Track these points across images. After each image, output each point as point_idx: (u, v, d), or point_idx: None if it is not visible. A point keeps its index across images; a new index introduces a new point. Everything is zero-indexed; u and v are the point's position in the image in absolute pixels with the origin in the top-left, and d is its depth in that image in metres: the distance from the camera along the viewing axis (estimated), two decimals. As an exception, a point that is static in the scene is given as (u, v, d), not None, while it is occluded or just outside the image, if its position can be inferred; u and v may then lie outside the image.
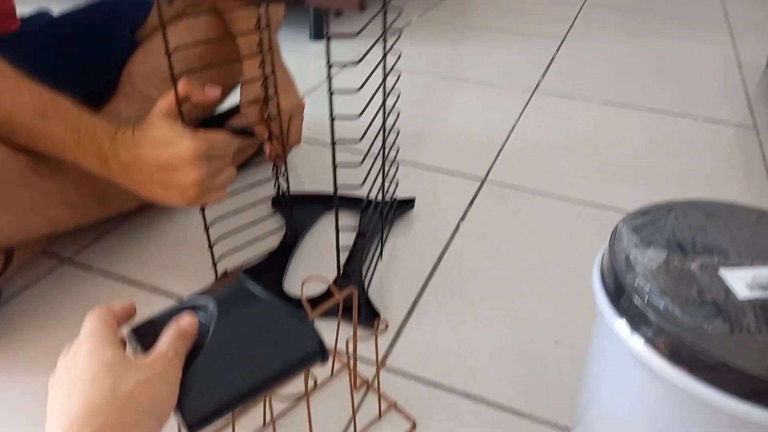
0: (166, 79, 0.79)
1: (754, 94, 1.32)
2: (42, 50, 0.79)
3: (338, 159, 0.59)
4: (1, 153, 0.62)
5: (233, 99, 0.92)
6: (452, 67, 1.41)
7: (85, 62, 0.82)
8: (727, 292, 0.39)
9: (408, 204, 0.87)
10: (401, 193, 0.88)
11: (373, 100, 0.61)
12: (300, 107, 0.83)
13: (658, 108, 1.23)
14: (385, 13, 0.60)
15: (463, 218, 0.87)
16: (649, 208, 0.46)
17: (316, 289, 0.71)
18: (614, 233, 0.44)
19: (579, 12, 1.87)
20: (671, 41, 1.64)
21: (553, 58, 1.48)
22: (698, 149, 1.08)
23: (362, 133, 0.61)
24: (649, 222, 0.45)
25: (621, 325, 0.39)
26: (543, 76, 1.38)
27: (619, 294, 0.40)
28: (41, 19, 0.83)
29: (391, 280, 0.75)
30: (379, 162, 0.69)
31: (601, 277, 0.42)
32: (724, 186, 0.97)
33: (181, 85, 0.58)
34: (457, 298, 0.73)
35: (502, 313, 0.71)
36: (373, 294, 0.73)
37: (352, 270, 0.74)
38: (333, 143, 0.59)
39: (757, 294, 0.38)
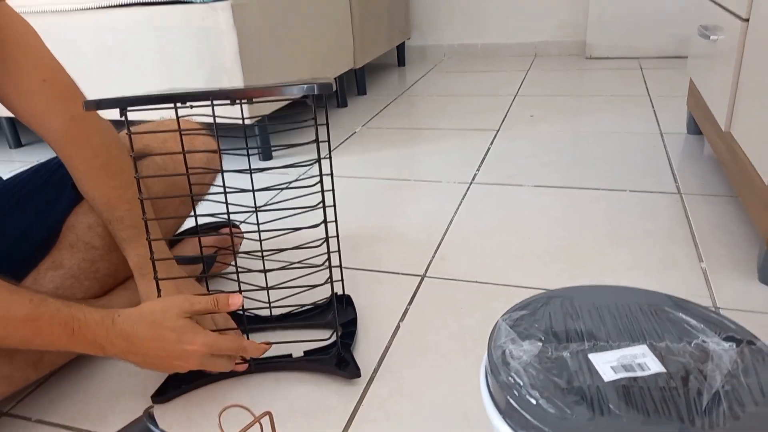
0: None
1: (677, 162, 1.40)
2: None
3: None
4: None
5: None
6: (396, 169, 1.49)
7: (31, 218, 0.85)
8: (594, 375, 0.41)
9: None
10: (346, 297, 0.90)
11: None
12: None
13: (588, 186, 1.30)
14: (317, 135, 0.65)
15: (402, 318, 0.90)
16: (528, 301, 0.49)
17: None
18: (493, 330, 0.46)
19: (512, 102, 2.01)
20: (598, 117, 1.75)
21: (488, 149, 1.57)
22: (628, 220, 1.13)
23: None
24: (528, 315, 0.48)
25: (503, 425, 0.41)
26: (479, 167, 1.45)
27: (498, 392, 0.42)
28: None
29: (330, 388, 0.76)
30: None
31: (485, 376, 0.45)
32: (654, 253, 1.01)
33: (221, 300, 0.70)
34: (397, 397, 0.73)
35: (446, 409, 0.71)
36: (307, 405, 0.73)
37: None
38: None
39: (621, 375, 0.41)
